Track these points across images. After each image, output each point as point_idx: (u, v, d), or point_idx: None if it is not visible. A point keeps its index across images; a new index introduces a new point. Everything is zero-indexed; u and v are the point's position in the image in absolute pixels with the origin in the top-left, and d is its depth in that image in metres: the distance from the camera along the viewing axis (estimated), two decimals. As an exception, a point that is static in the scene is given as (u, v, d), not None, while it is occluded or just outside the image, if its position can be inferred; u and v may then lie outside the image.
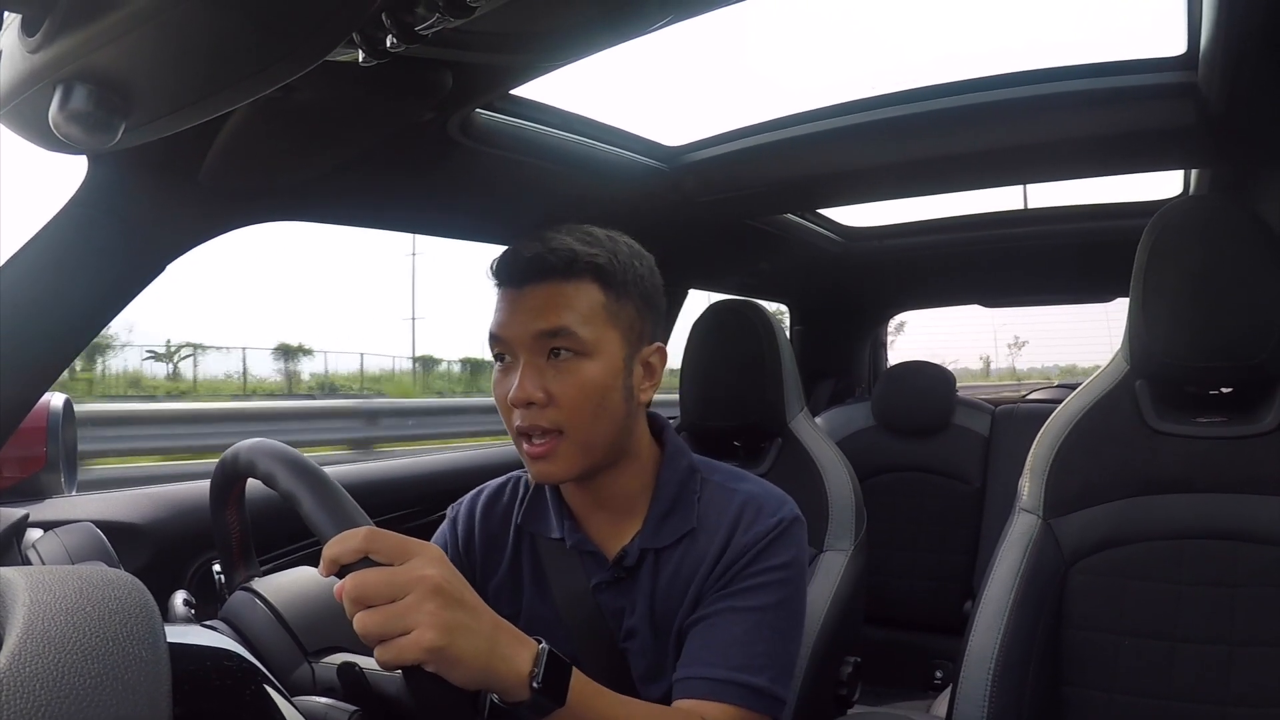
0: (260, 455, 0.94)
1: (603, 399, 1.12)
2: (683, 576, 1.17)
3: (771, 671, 1.10)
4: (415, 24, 0.80)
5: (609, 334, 1.13)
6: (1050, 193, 2.78)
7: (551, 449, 1.11)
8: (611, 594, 1.21)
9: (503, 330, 1.13)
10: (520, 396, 1.08)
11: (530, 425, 1.10)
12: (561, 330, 1.09)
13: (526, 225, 2.09)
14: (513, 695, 0.82)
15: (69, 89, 0.65)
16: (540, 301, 1.11)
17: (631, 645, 1.20)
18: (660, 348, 1.23)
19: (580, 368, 1.10)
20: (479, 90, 1.32)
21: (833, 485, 1.59)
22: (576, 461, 1.12)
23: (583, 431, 1.11)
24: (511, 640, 0.83)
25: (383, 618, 0.75)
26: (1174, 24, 1.45)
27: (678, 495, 1.21)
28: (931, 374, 3.13)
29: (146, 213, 1.29)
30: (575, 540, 1.22)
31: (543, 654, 0.84)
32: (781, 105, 1.85)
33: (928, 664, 2.84)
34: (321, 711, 0.89)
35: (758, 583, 1.13)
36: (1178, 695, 1.29)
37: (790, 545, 1.16)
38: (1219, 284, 1.35)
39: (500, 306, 1.14)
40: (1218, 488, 1.35)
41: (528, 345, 1.11)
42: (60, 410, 1.53)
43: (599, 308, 1.13)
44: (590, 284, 1.13)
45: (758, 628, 1.11)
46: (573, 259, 1.12)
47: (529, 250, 1.13)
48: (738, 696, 1.07)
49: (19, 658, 0.46)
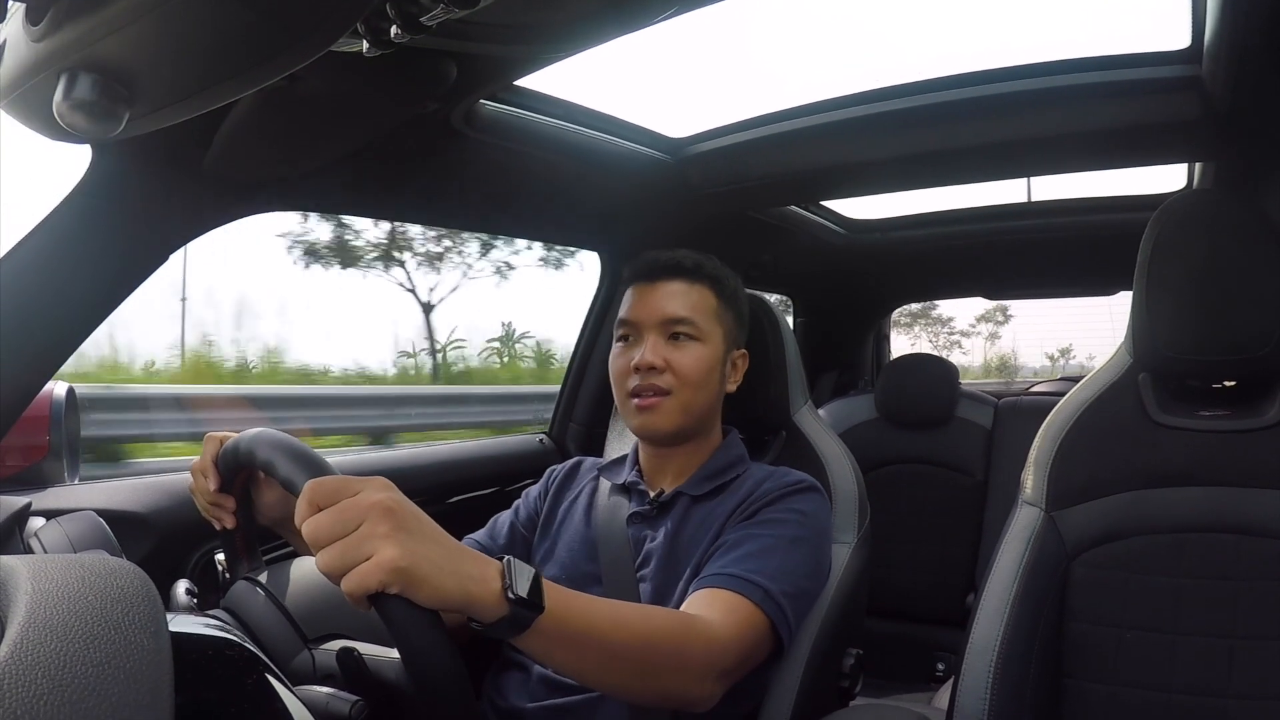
0: (261, 445, 0.95)
1: (707, 374, 1.41)
2: (709, 523, 1.36)
3: (783, 585, 1.19)
4: (419, 14, 0.80)
5: (716, 329, 1.43)
6: (1054, 186, 2.77)
7: (659, 404, 1.38)
8: (640, 525, 1.42)
9: (635, 315, 1.42)
10: (646, 361, 1.37)
11: (647, 385, 1.37)
12: (685, 319, 1.40)
13: (531, 216, 2.11)
14: (490, 613, 0.82)
15: (73, 78, 0.65)
16: (670, 294, 1.41)
17: (645, 572, 1.36)
18: (745, 353, 1.53)
19: (694, 348, 1.40)
20: (483, 81, 1.32)
21: (836, 478, 1.59)
22: (676, 418, 1.39)
23: (686, 395, 1.39)
24: (474, 560, 0.83)
25: (340, 549, 0.76)
26: (1178, 17, 1.44)
27: (723, 468, 1.44)
28: (934, 367, 3.13)
29: (150, 202, 1.29)
30: (632, 481, 1.48)
31: (509, 564, 0.84)
32: (786, 98, 1.84)
33: (930, 656, 2.85)
34: (323, 701, 0.89)
35: (778, 517, 1.30)
36: (1179, 689, 1.29)
37: (811, 502, 1.35)
38: (1222, 278, 1.35)
39: (632, 297, 1.44)
40: (1220, 481, 1.35)
41: (655, 327, 1.40)
42: (63, 398, 1.53)
43: (712, 308, 1.43)
44: (707, 289, 1.44)
45: (774, 549, 1.25)
46: (699, 266, 1.44)
47: (664, 256, 1.44)
48: (741, 587, 1.17)
49: (21, 646, 0.46)
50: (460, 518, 1.80)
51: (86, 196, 1.24)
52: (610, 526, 1.42)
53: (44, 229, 1.21)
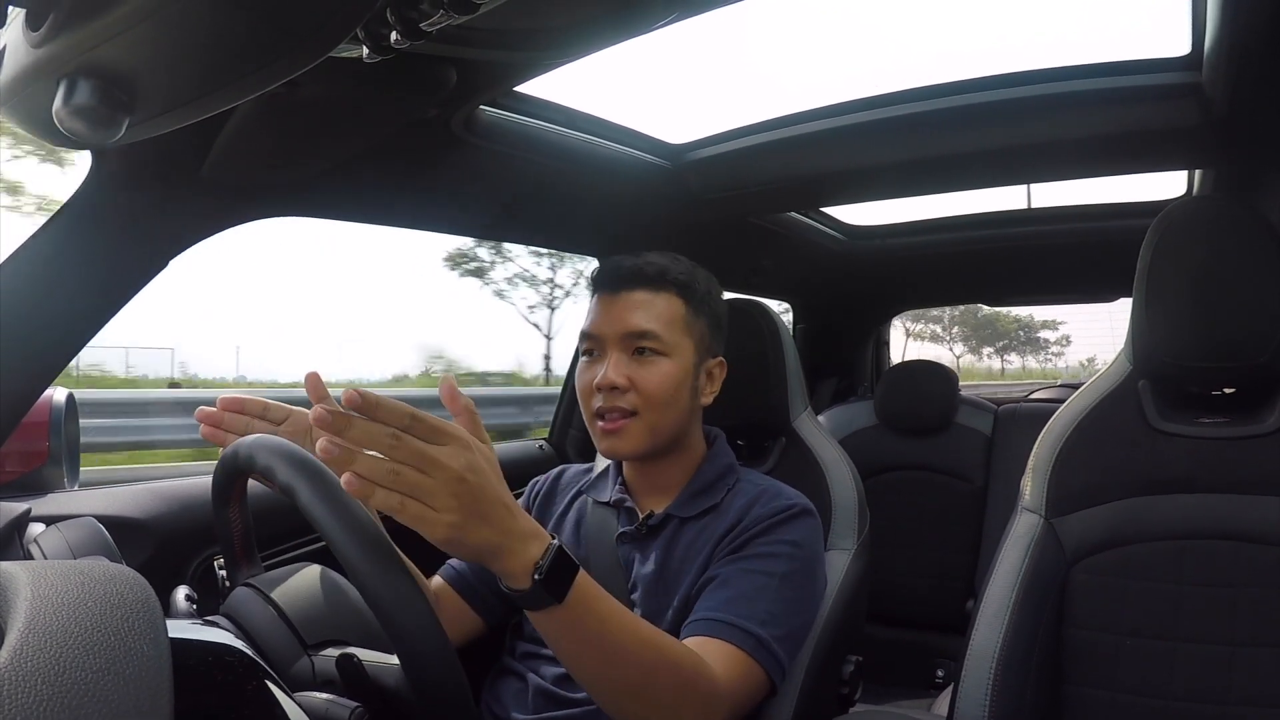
0: (260, 451, 0.95)
1: (674, 392, 1.33)
2: (698, 546, 1.31)
3: (775, 629, 1.17)
4: (420, 20, 0.80)
5: (685, 341, 1.35)
6: (1054, 192, 2.78)
7: (623, 428, 1.31)
8: (630, 546, 1.38)
9: (597, 328, 1.35)
10: (607, 381, 1.30)
11: (610, 406, 1.31)
12: (648, 333, 1.32)
13: (530, 222, 2.11)
14: (516, 582, 0.86)
15: (73, 84, 0.65)
16: (633, 306, 1.33)
17: (634, 596, 1.33)
18: (722, 361, 1.44)
19: (659, 364, 1.32)
20: (483, 87, 1.32)
21: (836, 484, 1.59)
22: (643, 440, 1.33)
23: (653, 416, 1.32)
24: (527, 533, 0.86)
25: (407, 484, 0.77)
26: (1178, 24, 1.45)
27: (712, 483, 1.39)
28: (934, 373, 3.13)
29: (150, 208, 1.29)
30: (619, 498, 1.42)
31: (551, 549, 0.87)
32: (786, 104, 1.86)
33: (929, 663, 2.84)
34: (323, 707, 0.89)
35: (769, 551, 1.25)
36: (1179, 695, 1.28)
37: (802, 528, 1.30)
38: (1222, 284, 1.35)
39: (595, 309, 1.37)
40: (1220, 488, 1.35)
41: (617, 342, 1.33)
42: (63, 405, 1.53)
43: (679, 318, 1.35)
44: (674, 297, 1.36)
45: (765, 589, 1.21)
46: (663, 272, 1.35)
47: (627, 263, 1.36)
48: (737, 638, 1.14)
49: (20, 652, 0.46)
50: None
51: (86, 202, 1.24)
52: (600, 547, 1.39)
53: (44, 234, 1.21)
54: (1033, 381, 4.53)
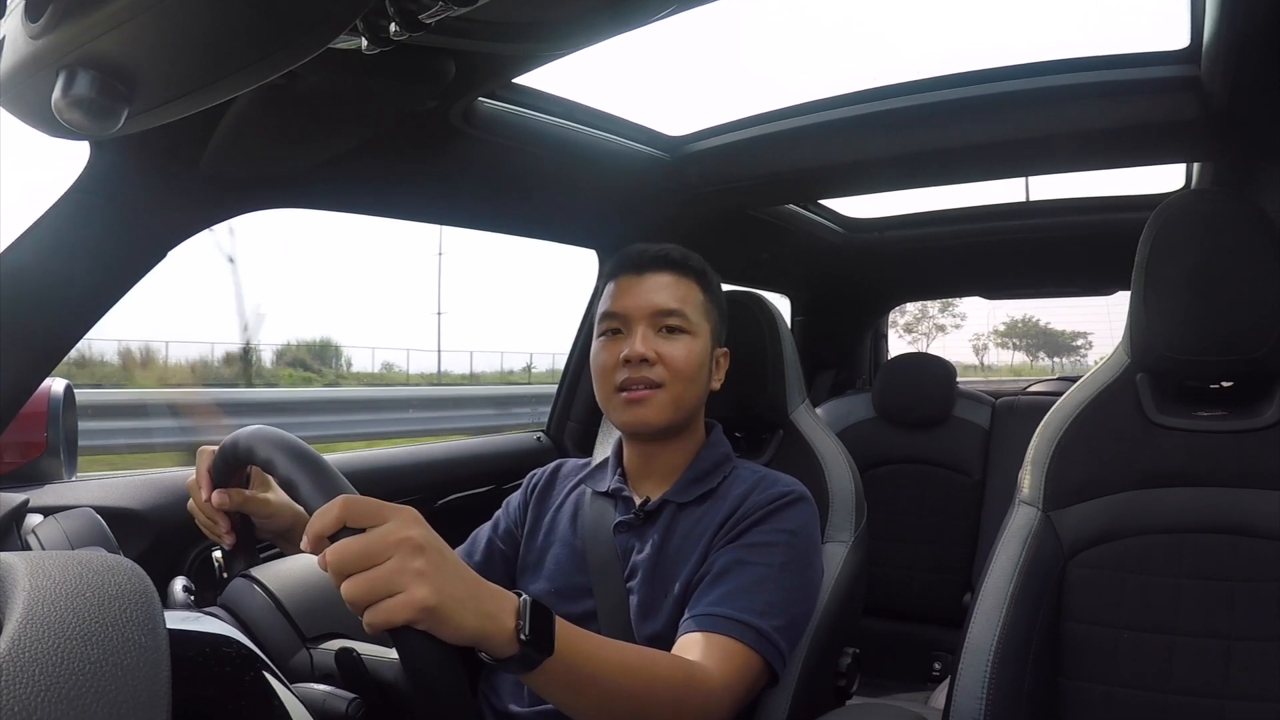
0: (259, 441, 0.95)
1: (697, 369, 1.39)
2: (696, 533, 1.33)
3: (775, 620, 1.18)
4: (419, 12, 0.80)
5: (704, 324, 1.41)
6: (1052, 185, 2.77)
7: (649, 397, 1.35)
8: (627, 534, 1.39)
9: (623, 306, 1.38)
10: (637, 353, 1.34)
11: (638, 377, 1.34)
12: (675, 311, 1.37)
13: (529, 214, 2.11)
14: (502, 650, 0.82)
15: (72, 75, 0.65)
16: (659, 286, 1.39)
17: (632, 584, 1.34)
18: (727, 351, 1.50)
19: (685, 341, 1.38)
20: (482, 79, 1.32)
21: (833, 477, 1.59)
22: (666, 412, 1.36)
23: (678, 388, 1.36)
24: (493, 595, 0.83)
25: (368, 582, 0.75)
26: (1177, 17, 1.45)
27: (710, 470, 1.42)
28: (932, 366, 3.13)
29: (148, 199, 1.29)
30: (616, 487, 1.45)
31: (524, 605, 0.84)
32: (785, 96, 1.84)
33: (927, 656, 2.85)
34: (320, 698, 0.89)
35: (766, 541, 1.27)
36: (1176, 689, 1.29)
37: (799, 516, 1.32)
38: (1220, 278, 1.34)
39: (619, 290, 1.40)
40: (1217, 482, 1.35)
41: (645, 318, 1.37)
42: (61, 395, 1.53)
43: (699, 302, 1.41)
44: (694, 283, 1.42)
45: (764, 581, 1.22)
46: (686, 259, 1.43)
47: (652, 248, 1.42)
48: (737, 631, 1.15)
49: (19, 642, 0.46)
50: (457, 516, 1.79)
51: (85, 193, 1.24)
52: (597, 537, 1.40)
53: (42, 225, 1.21)
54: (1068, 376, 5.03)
